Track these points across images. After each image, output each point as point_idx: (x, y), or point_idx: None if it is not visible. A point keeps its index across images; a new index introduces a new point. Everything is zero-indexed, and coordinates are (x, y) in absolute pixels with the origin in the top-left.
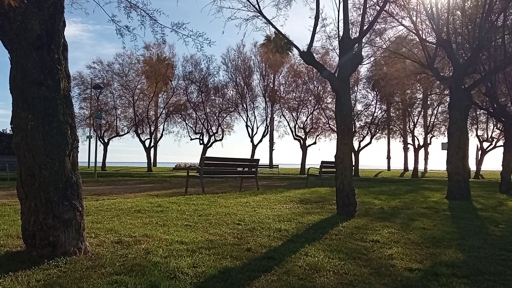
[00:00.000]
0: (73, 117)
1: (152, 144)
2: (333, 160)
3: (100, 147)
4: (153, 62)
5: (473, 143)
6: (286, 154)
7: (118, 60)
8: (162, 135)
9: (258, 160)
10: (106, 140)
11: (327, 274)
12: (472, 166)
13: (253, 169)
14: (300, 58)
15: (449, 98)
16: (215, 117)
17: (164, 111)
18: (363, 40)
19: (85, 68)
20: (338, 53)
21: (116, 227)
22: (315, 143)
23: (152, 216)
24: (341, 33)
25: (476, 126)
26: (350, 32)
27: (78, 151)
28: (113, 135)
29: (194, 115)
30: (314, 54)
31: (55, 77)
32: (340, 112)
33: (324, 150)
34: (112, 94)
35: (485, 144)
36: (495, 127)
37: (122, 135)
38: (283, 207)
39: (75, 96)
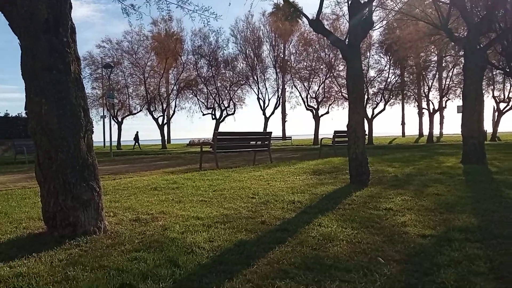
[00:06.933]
0: (85, 99)
1: (165, 121)
2: (346, 129)
3: (115, 127)
4: (161, 37)
5: (489, 104)
6: (299, 125)
7: (126, 37)
8: (174, 111)
9: (271, 133)
10: (120, 119)
11: (340, 244)
12: (489, 128)
13: (266, 142)
14: (309, 28)
15: (463, 60)
16: (226, 91)
17: (175, 87)
18: (374, 3)
19: (95, 47)
20: (347, 19)
21: (134, 205)
22: (327, 112)
23: (168, 193)
24: None
25: (492, 87)
26: None
27: (92, 133)
28: (127, 114)
29: (205, 90)
30: (324, 21)
31: (65, 60)
32: (351, 80)
33: (337, 119)
34: (123, 73)
35: (502, 105)
36: None
37: (135, 114)
38: (296, 179)
39: (86, 77)
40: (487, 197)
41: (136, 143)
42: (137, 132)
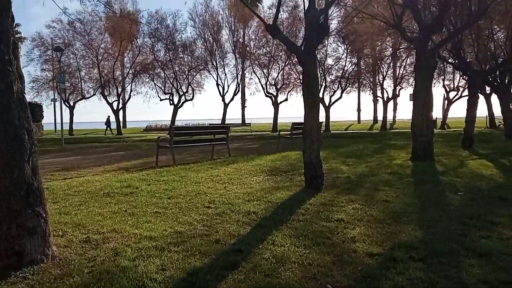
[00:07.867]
0: (29, 120)
1: (120, 106)
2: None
3: (66, 111)
4: (116, 18)
5: (440, 93)
6: (259, 110)
7: (79, 18)
8: (130, 96)
9: (229, 126)
10: (71, 104)
11: (292, 267)
12: (439, 115)
13: (224, 136)
14: (270, 12)
15: (415, 59)
16: (185, 76)
17: (130, 71)
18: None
19: (45, 27)
20: (304, 25)
21: (84, 220)
22: (286, 99)
23: (121, 202)
24: (306, 4)
25: (443, 77)
26: (316, 2)
27: (37, 154)
28: (79, 98)
29: (163, 75)
30: (281, 23)
31: (7, 80)
32: (307, 85)
33: (295, 106)
34: (75, 55)
35: (452, 94)
36: (461, 78)
37: (88, 98)
38: (253, 181)
39: (35, 59)
40: (433, 202)
41: (108, 128)
42: (109, 116)
